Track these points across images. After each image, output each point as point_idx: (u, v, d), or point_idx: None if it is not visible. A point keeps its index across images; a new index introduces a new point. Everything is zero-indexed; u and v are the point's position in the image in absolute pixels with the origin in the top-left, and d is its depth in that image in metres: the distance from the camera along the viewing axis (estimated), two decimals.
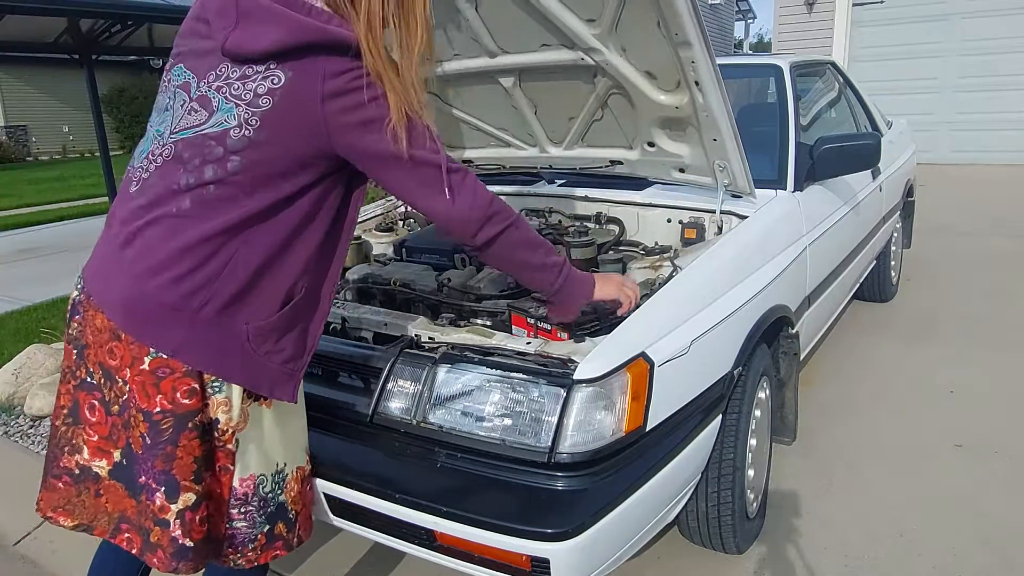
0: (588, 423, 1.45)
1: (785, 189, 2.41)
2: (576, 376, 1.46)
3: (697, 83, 1.87)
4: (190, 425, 1.25)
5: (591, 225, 2.49)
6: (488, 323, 1.87)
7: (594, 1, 1.84)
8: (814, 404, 2.96)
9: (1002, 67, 8.60)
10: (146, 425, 1.24)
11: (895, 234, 4.04)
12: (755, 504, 2.10)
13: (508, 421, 1.52)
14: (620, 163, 2.43)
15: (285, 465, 1.41)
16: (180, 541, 1.27)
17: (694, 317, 1.72)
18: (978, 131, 8.91)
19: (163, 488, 1.25)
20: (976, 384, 3.09)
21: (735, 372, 1.81)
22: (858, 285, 3.55)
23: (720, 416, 1.79)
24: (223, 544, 1.36)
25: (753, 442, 2.01)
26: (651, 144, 2.25)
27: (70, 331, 1.32)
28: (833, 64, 3.59)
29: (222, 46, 1.19)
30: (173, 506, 1.26)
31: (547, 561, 1.35)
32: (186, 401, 1.24)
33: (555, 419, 1.46)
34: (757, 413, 2.05)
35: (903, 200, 4.02)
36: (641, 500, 1.50)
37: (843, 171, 2.53)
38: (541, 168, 2.67)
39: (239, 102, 1.19)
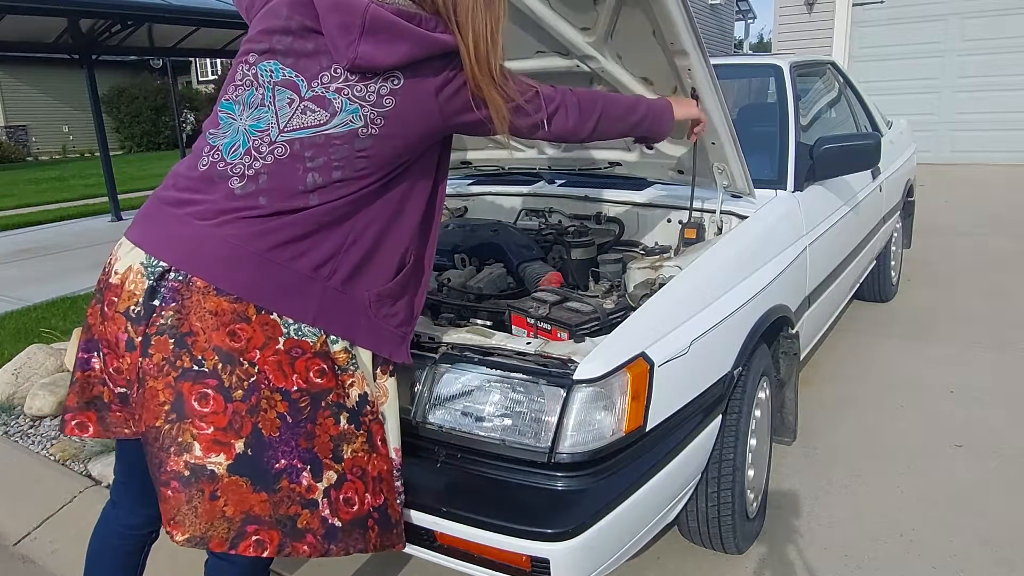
0: (588, 423, 1.45)
1: (785, 189, 2.41)
2: (576, 376, 1.46)
3: (694, 90, 1.87)
4: (323, 404, 1.30)
5: (591, 224, 2.50)
6: (488, 323, 1.87)
7: (588, 11, 1.84)
8: (814, 404, 2.96)
9: (1002, 67, 8.61)
10: (285, 404, 1.26)
11: (895, 234, 4.04)
12: (755, 504, 2.10)
13: (508, 421, 1.52)
14: (619, 164, 2.43)
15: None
16: (330, 521, 1.29)
17: (694, 317, 1.72)
18: (978, 131, 8.91)
19: (308, 467, 1.28)
20: (976, 384, 3.09)
21: (735, 372, 1.81)
22: (858, 285, 3.56)
23: (720, 416, 1.79)
24: (385, 524, 1.38)
25: (753, 442, 2.01)
26: (650, 147, 2.25)
27: (162, 320, 1.24)
28: (833, 64, 3.60)
29: (351, 61, 1.25)
30: (319, 485, 1.28)
31: (547, 561, 1.36)
32: (319, 380, 1.30)
33: (555, 419, 1.46)
34: (757, 413, 2.05)
35: (903, 200, 4.02)
36: (641, 500, 1.50)
37: (843, 171, 2.53)
38: (541, 168, 2.67)
39: (363, 103, 1.27)
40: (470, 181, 2.96)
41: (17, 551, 2.50)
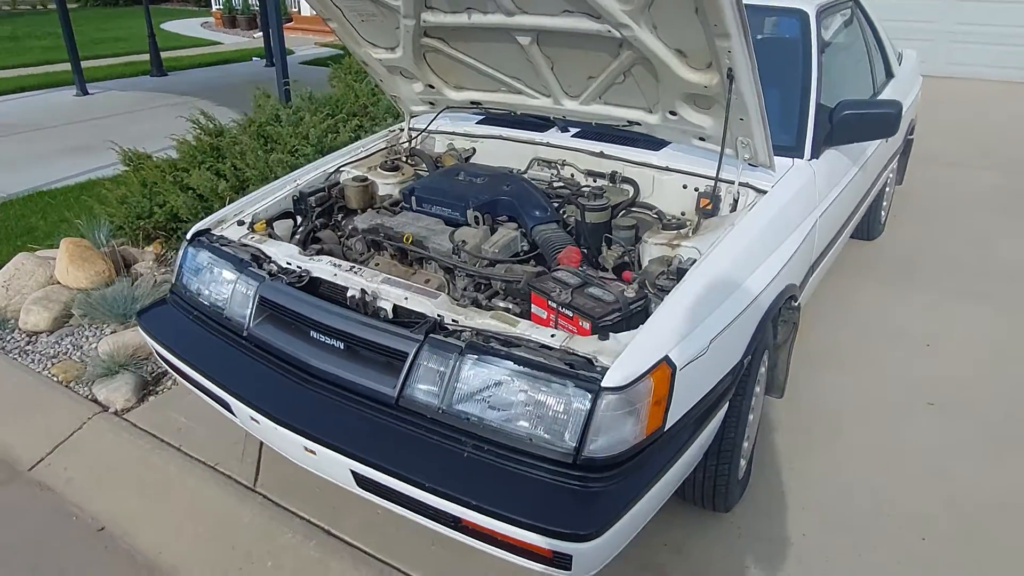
0: (613, 428, 1.52)
1: (802, 157, 2.39)
2: (604, 383, 1.51)
3: (730, 70, 1.82)
4: None
5: (606, 183, 2.47)
6: (510, 306, 1.90)
7: None
8: (798, 352, 3.06)
9: None
10: None
11: (891, 174, 4.05)
12: (744, 468, 2.24)
13: (534, 419, 1.58)
14: (638, 124, 2.37)
15: None
16: None
17: (713, 313, 1.76)
18: (977, 44, 8.70)
19: None
20: (951, 339, 3.23)
21: (745, 361, 1.89)
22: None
23: (727, 402, 1.88)
24: None
25: (751, 417, 2.12)
26: (673, 113, 2.20)
27: None
28: (856, 1, 3.45)
29: None
30: None
31: (570, 556, 1.46)
32: None
33: (581, 422, 1.52)
34: (757, 389, 2.14)
35: (904, 141, 4.00)
36: (656, 493, 1.60)
37: (861, 138, 2.50)
38: (555, 117, 2.60)
39: None
40: (477, 119, 2.87)
41: (32, 477, 2.57)
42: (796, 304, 2.32)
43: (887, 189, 4.08)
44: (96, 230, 3.85)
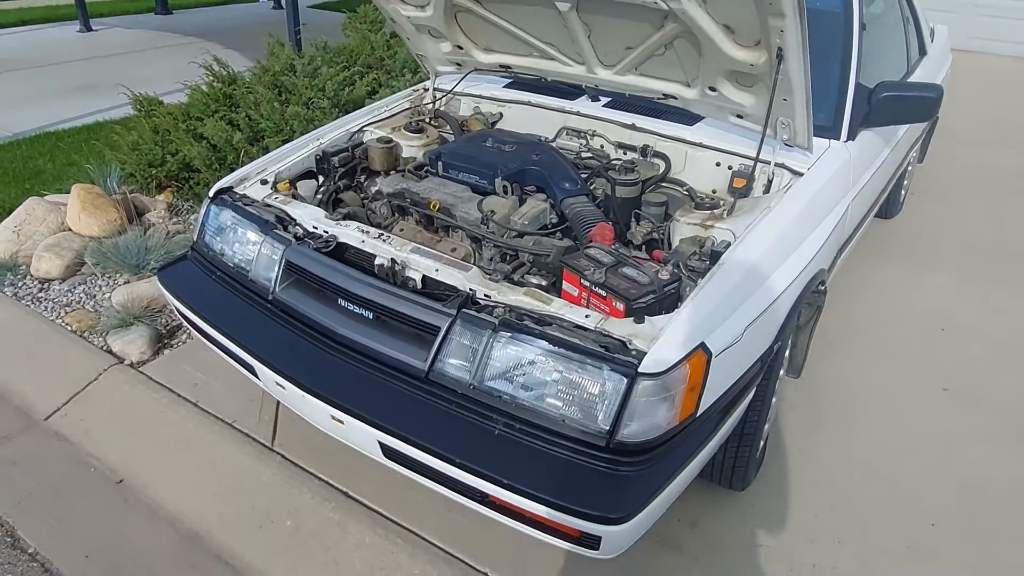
0: (647, 413, 1.52)
1: (838, 139, 2.34)
2: (641, 369, 1.51)
3: (780, 50, 1.76)
4: None
5: (636, 156, 2.43)
6: (543, 282, 1.88)
7: None
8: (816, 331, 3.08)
9: None
10: None
11: (914, 152, 3.99)
12: (761, 447, 2.26)
13: (567, 400, 1.58)
14: (674, 97, 2.32)
15: None
16: None
17: (749, 299, 1.75)
18: (1002, 18, 8.52)
19: None
20: (966, 323, 3.22)
21: (775, 347, 1.88)
22: None
23: (755, 387, 1.88)
24: None
25: (774, 400, 2.12)
26: (713, 89, 2.14)
27: None
28: None
29: None
30: None
31: (599, 538, 1.48)
32: None
33: (616, 405, 1.52)
34: (781, 372, 2.14)
35: (932, 120, 3.93)
36: (684, 477, 1.61)
37: (899, 121, 2.46)
38: (587, 86, 2.54)
39: None
40: (504, 83, 2.80)
41: (49, 427, 2.58)
42: (823, 288, 2.30)
43: (909, 168, 4.02)
44: (107, 177, 3.80)
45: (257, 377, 2.02)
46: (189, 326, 2.27)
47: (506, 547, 2.06)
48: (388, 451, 1.72)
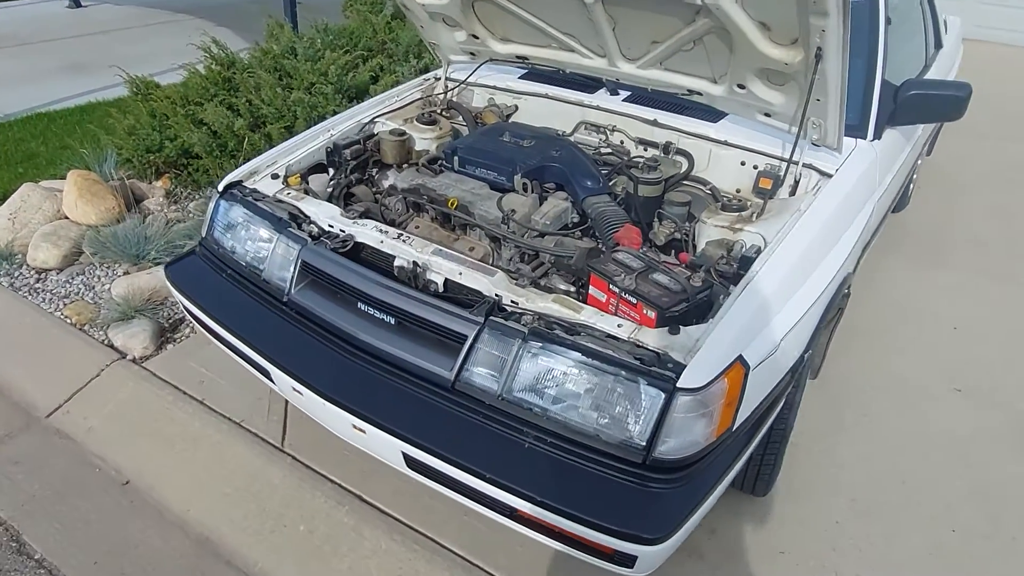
0: (685, 430, 1.48)
1: (865, 138, 2.28)
2: (680, 384, 1.46)
3: (820, 49, 1.70)
4: None
5: (659, 154, 2.36)
6: (571, 288, 1.82)
7: None
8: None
9: None
10: None
11: (924, 145, 3.95)
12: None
13: (601, 414, 1.53)
14: (699, 94, 2.25)
15: None
16: None
17: (784, 309, 1.70)
18: (1011, 7, 8.46)
19: None
20: (978, 321, 3.20)
21: (805, 356, 1.84)
22: None
23: (785, 397, 1.84)
24: None
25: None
26: (742, 86, 2.08)
27: None
28: None
29: None
30: None
31: (635, 557, 1.44)
32: None
33: (653, 421, 1.48)
34: (807, 378, 2.11)
35: None
36: (719, 492, 1.57)
37: (925, 120, 2.41)
38: (607, 79, 2.46)
39: None
40: (520, 74, 2.72)
41: (51, 424, 2.51)
42: (848, 290, 2.26)
43: (918, 161, 3.98)
44: (103, 162, 3.69)
45: (272, 381, 1.96)
46: (199, 326, 2.20)
47: (526, 554, 2.02)
48: (412, 462, 1.67)
